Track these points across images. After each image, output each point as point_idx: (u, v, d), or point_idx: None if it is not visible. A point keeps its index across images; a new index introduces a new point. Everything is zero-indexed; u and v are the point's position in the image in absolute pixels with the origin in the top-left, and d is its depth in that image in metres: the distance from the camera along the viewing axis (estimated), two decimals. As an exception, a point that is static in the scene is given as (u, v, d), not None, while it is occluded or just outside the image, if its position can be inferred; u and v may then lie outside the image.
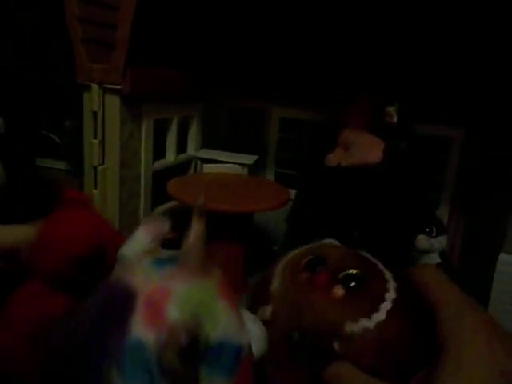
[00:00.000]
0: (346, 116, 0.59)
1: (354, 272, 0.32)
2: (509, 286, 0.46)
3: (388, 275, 0.33)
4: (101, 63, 0.51)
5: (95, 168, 0.53)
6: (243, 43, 0.71)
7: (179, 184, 0.59)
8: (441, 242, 0.60)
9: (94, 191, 0.54)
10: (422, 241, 0.59)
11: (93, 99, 0.51)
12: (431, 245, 0.59)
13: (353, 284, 0.31)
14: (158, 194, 0.63)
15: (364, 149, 0.56)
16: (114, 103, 0.52)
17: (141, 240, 0.24)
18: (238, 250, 0.59)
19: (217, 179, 0.64)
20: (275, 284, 0.34)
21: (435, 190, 0.66)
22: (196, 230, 0.23)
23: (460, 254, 0.66)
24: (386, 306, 0.30)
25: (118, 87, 0.51)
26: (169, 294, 0.21)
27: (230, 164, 0.68)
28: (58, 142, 0.73)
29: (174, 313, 0.20)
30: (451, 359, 0.24)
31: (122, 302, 0.20)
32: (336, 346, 0.29)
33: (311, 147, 0.70)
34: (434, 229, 0.60)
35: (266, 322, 0.31)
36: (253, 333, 0.26)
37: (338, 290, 0.31)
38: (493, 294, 0.47)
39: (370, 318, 0.29)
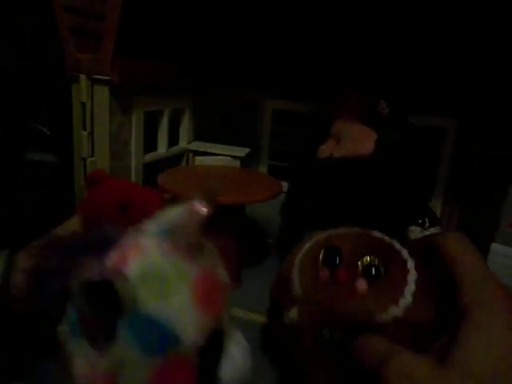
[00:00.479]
0: (338, 107, 0.58)
1: (371, 261, 0.32)
2: (500, 276, 0.46)
3: (405, 253, 0.32)
4: (89, 54, 0.50)
5: (84, 160, 0.53)
6: (236, 35, 0.71)
7: (170, 176, 0.58)
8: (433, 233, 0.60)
9: (84, 183, 0.53)
10: (415, 232, 0.59)
11: (81, 90, 0.50)
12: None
13: (373, 273, 0.31)
14: (150, 187, 0.63)
15: (356, 140, 0.56)
16: (102, 94, 0.51)
17: (179, 214, 0.23)
18: (231, 242, 0.58)
19: (208, 171, 0.63)
20: (296, 285, 0.34)
21: (428, 182, 0.66)
22: (204, 212, 0.23)
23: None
24: (410, 288, 0.30)
25: (107, 78, 0.50)
26: (141, 252, 0.21)
27: (221, 156, 0.67)
28: (49, 134, 0.72)
29: (133, 265, 0.20)
30: (472, 322, 0.24)
31: (100, 244, 0.22)
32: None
33: (304, 139, 0.70)
34: (427, 220, 0.60)
35: (293, 325, 0.32)
36: (233, 357, 0.24)
37: (362, 284, 0.31)
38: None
39: (397, 304, 0.29)
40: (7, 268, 0.27)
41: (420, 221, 0.59)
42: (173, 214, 0.24)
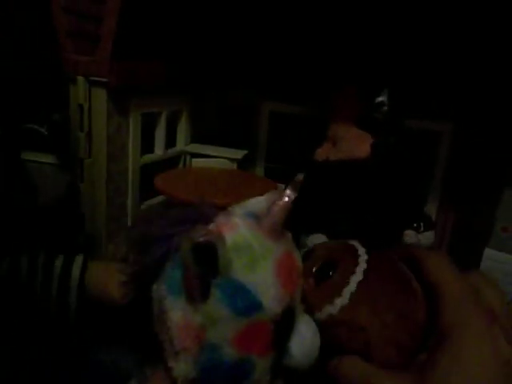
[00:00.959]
0: (333, 110, 0.59)
1: (324, 263, 0.32)
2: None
3: (361, 257, 0.31)
4: (87, 56, 0.50)
5: (81, 161, 0.53)
6: (234, 37, 0.71)
7: (167, 179, 0.58)
8: (428, 237, 0.60)
9: (81, 184, 0.54)
10: (409, 236, 0.59)
11: (79, 92, 0.51)
12: (418, 240, 0.60)
13: (323, 274, 0.31)
14: (148, 188, 0.63)
15: (352, 143, 0.57)
16: (100, 96, 0.51)
17: (264, 200, 0.26)
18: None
19: (205, 173, 0.63)
20: None
21: (424, 185, 0.67)
22: (288, 198, 0.25)
23: (448, 249, 0.67)
24: (350, 288, 0.29)
25: (105, 80, 0.50)
26: (233, 227, 0.24)
27: (218, 158, 0.68)
28: (47, 134, 0.72)
29: (227, 238, 0.23)
30: (452, 344, 0.24)
31: (195, 219, 0.25)
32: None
33: (301, 141, 0.71)
34: (422, 224, 0.60)
35: None
36: (301, 334, 0.26)
37: (308, 283, 0.31)
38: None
39: (332, 303, 0.29)
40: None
41: (415, 224, 0.60)
42: (259, 200, 0.26)
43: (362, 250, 0.33)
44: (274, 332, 0.24)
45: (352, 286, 0.29)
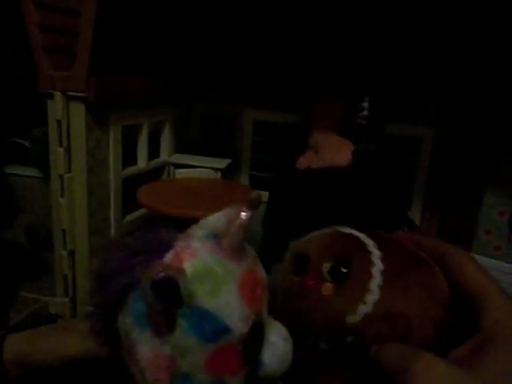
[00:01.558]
0: (312, 119, 0.59)
1: (335, 262, 0.31)
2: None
3: (371, 246, 0.31)
4: (64, 71, 0.50)
5: (61, 176, 0.53)
6: (216, 48, 0.71)
7: (149, 191, 0.58)
8: (412, 242, 0.60)
9: (61, 199, 0.53)
10: (394, 241, 0.59)
11: (56, 107, 0.50)
12: (402, 245, 0.60)
13: (338, 274, 0.30)
14: (133, 200, 0.63)
15: (333, 151, 0.57)
16: (78, 111, 0.51)
17: (221, 218, 0.26)
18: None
19: (189, 184, 0.63)
20: (279, 298, 0.34)
21: (406, 191, 0.67)
22: (245, 216, 0.25)
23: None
24: (376, 281, 0.29)
25: (83, 95, 0.50)
26: (193, 253, 0.25)
27: (202, 169, 0.67)
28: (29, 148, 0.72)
29: (187, 265, 0.24)
30: (499, 343, 0.25)
31: (154, 247, 0.25)
32: (349, 339, 0.29)
33: (284, 150, 0.71)
34: (406, 228, 0.60)
35: None
36: (274, 346, 0.27)
37: (327, 289, 0.30)
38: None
39: (364, 302, 0.29)
40: None
41: (399, 230, 0.60)
42: (218, 217, 0.26)
43: (364, 238, 0.32)
44: (244, 350, 0.25)
45: (377, 277, 0.29)
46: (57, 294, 0.58)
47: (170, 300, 0.22)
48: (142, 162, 0.65)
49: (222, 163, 0.69)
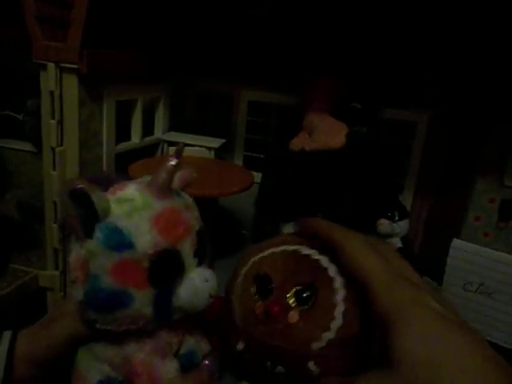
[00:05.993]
0: (306, 101, 0.59)
1: (300, 289, 0.32)
2: (460, 271, 0.47)
3: (332, 271, 0.32)
4: (57, 41, 0.49)
5: (53, 149, 0.53)
6: (213, 25, 0.70)
7: (141, 167, 0.58)
8: (402, 226, 0.61)
9: (53, 172, 0.53)
10: (384, 225, 0.60)
11: (49, 78, 0.50)
12: (393, 229, 0.60)
13: (302, 301, 0.32)
14: (125, 177, 0.62)
15: (327, 133, 0.57)
16: (71, 83, 0.51)
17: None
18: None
19: (181, 162, 0.63)
20: (238, 318, 0.35)
21: (399, 175, 0.67)
22: (171, 162, 0.30)
23: (423, 238, 0.67)
24: (340, 309, 0.30)
25: (75, 67, 0.49)
26: (125, 187, 0.30)
27: (196, 147, 0.67)
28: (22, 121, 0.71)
29: (117, 193, 0.30)
30: (399, 326, 0.25)
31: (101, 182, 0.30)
32: (311, 365, 0.30)
33: (277, 131, 0.70)
34: (396, 213, 0.61)
35: (241, 354, 0.35)
36: (191, 281, 0.31)
37: (293, 317, 0.31)
38: (445, 278, 0.48)
39: (329, 329, 0.30)
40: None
41: (389, 214, 0.60)
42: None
43: (326, 262, 0.32)
44: (151, 270, 0.29)
45: (340, 305, 0.30)
46: (47, 267, 0.58)
47: (85, 210, 0.27)
48: (136, 138, 0.65)
49: (216, 143, 0.68)
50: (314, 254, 0.33)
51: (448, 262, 0.47)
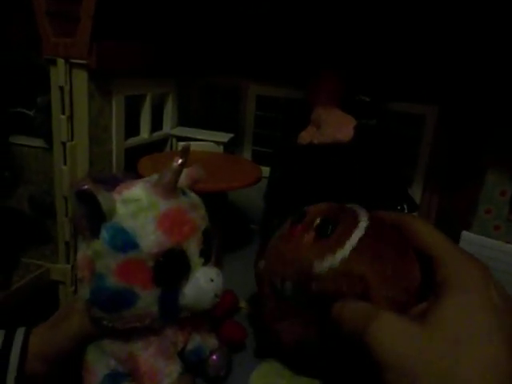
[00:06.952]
0: (313, 94, 0.58)
1: (324, 219, 0.34)
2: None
3: (362, 215, 0.34)
4: (66, 37, 0.50)
5: (64, 144, 0.53)
6: (219, 19, 0.70)
7: (150, 162, 0.58)
8: (411, 219, 0.60)
9: (64, 167, 0.54)
10: (393, 218, 0.59)
11: (59, 74, 0.50)
12: (402, 222, 0.60)
13: (323, 229, 0.33)
14: (135, 172, 0.63)
15: (335, 126, 0.56)
16: (81, 78, 0.51)
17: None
18: (213, 229, 0.59)
19: (190, 157, 0.63)
20: (270, 243, 0.38)
21: (409, 168, 0.67)
22: (177, 162, 0.30)
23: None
24: (352, 242, 0.31)
25: (85, 62, 0.50)
26: (131, 187, 0.30)
27: (204, 142, 0.67)
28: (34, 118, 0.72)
29: (123, 193, 0.30)
30: (450, 290, 0.26)
31: (107, 181, 0.31)
32: (313, 285, 0.31)
33: (285, 124, 0.70)
34: (405, 206, 0.60)
35: (259, 275, 0.37)
36: (196, 280, 0.31)
37: (309, 236, 0.33)
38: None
39: (334, 254, 0.31)
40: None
41: (399, 207, 0.60)
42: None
43: (361, 211, 0.35)
44: (156, 270, 0.29)
45: (353, 239, 0.31)
46: (59, 261, 0.59)
47: (92, 210, 0.27)
48: (145, 133, 0.66)
49: (225, 137, 0.69)
50: (353, 206, 0.36)
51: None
